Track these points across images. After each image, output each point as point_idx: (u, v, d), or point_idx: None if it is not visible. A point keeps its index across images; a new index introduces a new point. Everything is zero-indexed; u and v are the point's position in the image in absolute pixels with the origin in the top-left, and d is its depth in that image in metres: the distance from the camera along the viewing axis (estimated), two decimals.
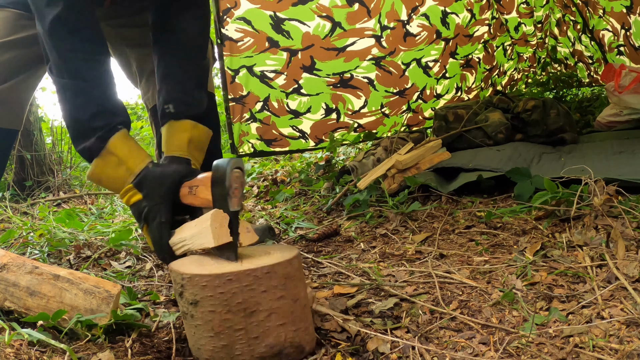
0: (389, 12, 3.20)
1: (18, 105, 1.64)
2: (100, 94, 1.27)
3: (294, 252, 1.04)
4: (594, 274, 1.25)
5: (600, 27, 3.43)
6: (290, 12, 2.95)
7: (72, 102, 1.26)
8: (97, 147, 1.24)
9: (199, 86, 1.49)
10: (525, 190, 1.87)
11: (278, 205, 2.52)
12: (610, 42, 3.43)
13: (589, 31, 3.57)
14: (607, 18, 3.26)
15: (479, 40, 3.68)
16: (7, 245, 1.91)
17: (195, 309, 0.96)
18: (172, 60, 1.47)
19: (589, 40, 3.67)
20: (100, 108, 1.26)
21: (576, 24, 3.68)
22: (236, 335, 0.95)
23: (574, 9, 3.55)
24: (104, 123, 1.24)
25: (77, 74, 1.25)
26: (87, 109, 1.24)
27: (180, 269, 1.00)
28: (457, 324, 1.12)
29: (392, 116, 3.49)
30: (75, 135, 1.28)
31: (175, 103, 1.42)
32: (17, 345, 0.99)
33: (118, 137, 1.25)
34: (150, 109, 1.71)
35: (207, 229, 1.07)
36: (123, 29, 1.70)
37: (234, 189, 1.13)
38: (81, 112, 1.25)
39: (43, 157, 3.69)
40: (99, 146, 1.24)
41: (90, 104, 1.25)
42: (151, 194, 1.22)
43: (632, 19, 3.08)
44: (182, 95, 1.43)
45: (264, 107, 3.10)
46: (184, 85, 1.45)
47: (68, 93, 1.26)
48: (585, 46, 3.80)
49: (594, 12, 3.34)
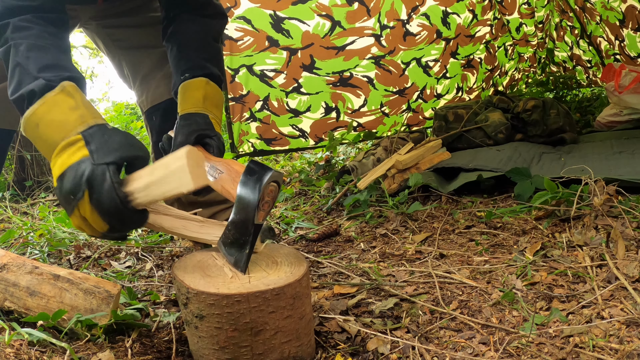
0: (388, 12, 3.20)
1: None
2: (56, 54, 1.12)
3: (303, 266, 1.00)
4: (594, 274, 1.25)
5: (597, 33, 3.44)
6: (290, 11, 2.95)
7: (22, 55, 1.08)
8: (45, 85, 1.04)
9: (213, 61, 1.45)
10: (525, 190, 1.87)
11: (278, 205, 2.52)
12: (607, 49, 3.45)
13: (587, 36, 3.58)
14: (603, 26, 3.28)
15: (480, 40, 3.68)
16: (7, 245, 1.91)
17: (200, 322, 0.94)
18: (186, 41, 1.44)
19: (587, 45, 3.68)
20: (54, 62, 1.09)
21: (574, 29, 3.69)
22: (241, 351, 0.94)
23: (571, 14, 3.56)
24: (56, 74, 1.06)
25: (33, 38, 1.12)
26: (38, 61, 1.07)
27: (185, 280, 0.96)
28: (457, 324, 1.12)
29: (392, 115, 3.49)
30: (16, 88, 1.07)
31: (190, 72, 1.37)
32: (17, 345, 0.99)
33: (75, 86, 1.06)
34: (145, 112, 1.70)
35: (183, 168, 0.90)
36: (115, 29, 1.69)
37: (265, 202, 0.99)
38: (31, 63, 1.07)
39: (43, 157, 3.68)
40: (46, 84, 1.04)
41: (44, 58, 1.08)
42: (102, 151, 0.96)
43: (625, 32, 3.10)
44: (196, 64, 1.39)
45: (263, 106, 3.10)
46: (198, 58, 1.41)
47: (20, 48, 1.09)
48: (584, 51, 3.81)
49: (591, 18, 3.35)
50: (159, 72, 1.66)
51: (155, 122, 1.66)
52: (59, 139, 0.99)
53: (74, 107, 1.02)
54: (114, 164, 0.95)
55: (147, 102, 1.68)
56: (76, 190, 0.94)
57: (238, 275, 0.99)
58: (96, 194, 0.93)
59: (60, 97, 1.03)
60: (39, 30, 1.14)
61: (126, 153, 0.97)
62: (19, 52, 1.09)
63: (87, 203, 0.94)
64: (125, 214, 0.95)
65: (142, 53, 1.68)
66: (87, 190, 0.94)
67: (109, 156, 0.95)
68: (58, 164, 0.99)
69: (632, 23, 3.00)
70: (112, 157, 0.95)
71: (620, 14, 3.01)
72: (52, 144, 1.01)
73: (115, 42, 1.70)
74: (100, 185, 0.93)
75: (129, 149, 0.99)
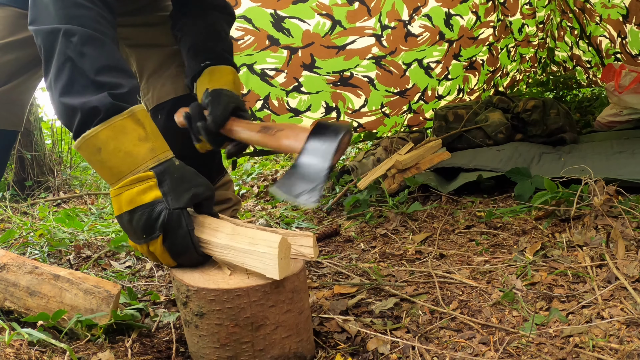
0: (389, 12, 3.20)
1: (19, 106, 1.64)
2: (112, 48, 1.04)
3: (300, 263, 1.01)
4: (594, 274, 1.25)
5: (597, 34, 3.44)
6: (290, 10, 2.95)
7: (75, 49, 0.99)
8: (111, 105, 0.96)
9: (231, 53, 1.48)
10: (525, 190, 1.87)
11: (278, 205, 2.52)
12: (607, 48, 3.44)
13: (587, 37, 3.58)
14: (604, 25, 3.27)
15: (483, 42, 3.68)
16: (7, 245, 1.91)
17: (200, 320, 0.95)
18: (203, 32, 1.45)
19: (587, 45, 3.68)
20: (111, 63, 1.01)
21: (573, 29, 3.69)
22: (242, 348, 0.94)
23: (570, 15, 3.56)
24: (114, 81, 0.99)
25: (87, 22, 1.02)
26: (95, 60, 0.99)
27: (184, 279, 0.96)
28: (457, 324, 1.12)
29: (392, 116, 3.49)
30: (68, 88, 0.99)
31: (214, 60, 1.38)
32: (17, 345, 0.99)
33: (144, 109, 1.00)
34: (151, 110, 1.71)
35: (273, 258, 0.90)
36: (123, 28, 1.70)
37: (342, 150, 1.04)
38: (87, 62, 0.98)
39: (43, 157, 3.69)
40: (113, 104, 0.96)
41: (99, 56, 1.00)
42: (174, 193, 0.95)
43: (628, 28, 3.09)
44: (219, 55, 1.42)
45: (264, 105, 3.10)
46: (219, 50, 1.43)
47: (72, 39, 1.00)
48: (583, 51, 3.81)
49: (590, 19, 3.35)
50: (165, 71, 1.67)
51: (160, 120, 1.67)
52: (126, 171, 0.97)
53: (144, 139, 0.98)
54: (184, 209, 0.96)
55: (152, 100, 1.69)
56: (150, 232, 0.96)
57: (236, 272, 1.00)
58: (171, 238, 0.96)
59: (129, 123, 0.98)
60: (96, 14, 1.05)
61: (198, 196, 0.98)
62: (71, 44, 1.00)
63: (159, 244, 0.96)
64: (195, 258, 0.99)
65: (150, 51, 1.69)
66: (161, 234, 0.96)
67: (183, 200, 0.96)
68: (127, 198, 0.96)
69: (635, 18, 2.99)
70: (185, 201, 0.96)
71: (623, 9, 3.00)
72: (117, 173, 0.98)
73: (123, 40, 1.71)
74: (176, 231, 0.95)
75: (200, 190, 0.99)
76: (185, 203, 0.96)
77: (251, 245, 0.94)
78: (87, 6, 1.04)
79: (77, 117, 0.98)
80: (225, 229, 0.99)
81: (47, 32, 1.03)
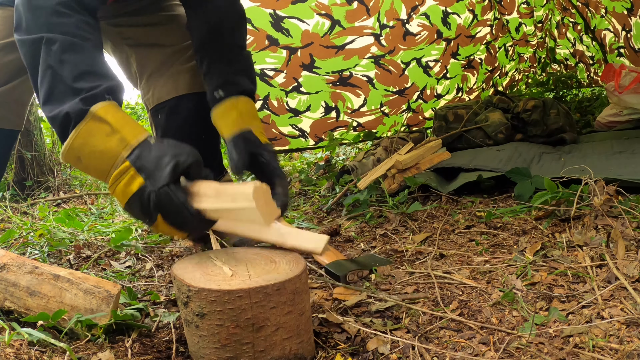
0: (388, 11, 3.20)
1: (19, 106, 1.65)
2: (92, 53, 1.07)
3: (301, 264, 1.01)
4: (594, 274, 1.25)
5: (602, 27, 3.43)
6: (289, 10, 2.95)
7: (55, 57, 1.02)
8: (79, 111, 0.99)
9: (244, 72, 1.50)
10: (525, 190, 1.87)
11: None
12: (611, 42, 3.43)
13: (591, 31, 3.57)
14: (609, 17, 3.26)
15: (481, 41, 3.68)
16: (7, 245, 1.91)
17: (201, 320, 0.94)
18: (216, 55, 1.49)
19: (591, 40, 3.67)
20: (90, 69, 1.04)
21: (576, 25, 3.68)
22: (243, 349, 0.94)
23: (573, 10, 3.56)
24: (92, 85, 1.02)
25: (71, 29, 1.05)
26: (74, 67, 1.02)
27: (185, 279, 0.96)
28: (457, 324, 1.12)
29: (391, 115, 3.49)
30: (48, 96, 1.02)
31: (222, 88, 1.43)
32: (17, 345, 0.99)
33: (108, 103, 1.02)
34: (151, 110, 1.71)
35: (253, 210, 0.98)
36: (124, 28, 1.70)
37: None
38: (66, 69, 1.01)
39: (43, 157, 3.68)
40: (81, 109, 0.99)
41: (78, 63, 1.03)
42: (156, 173, 0.97)
43: (633, 21, 3.08)
44: (228, 79, 1.45)
45: (263, 105, 3.10)
46: (229, 73, 1.46)
47: (52, 47, 1.03)
48: (587, 46, 3.80)
49: (595, 11, 3.34)
50: (166, 71, 1.67)
51: (161, 120, 1.67)
52: (107, 168, 1.00)
53: (110, 133, 1.00)
54: (172, 182, 0.97)
55: (153, 99, 1.68)
56: (149, 216, 0.99)
57: (238, 273, 1.00)
58: (168, 215, 0.98)
59: (93, 125, 1.00)
60: (76, 20, 1.08)
61: (180, 167, 0.98)
62: (52, 53, 1.03)
63: (162, 223, 0.99)
64: (199, 225, 1.01)
65: (151, 51, 1.69)
66: (159, 215, 0.98)
67: (163, 177, 0.96)
68: (119, 193, 1.00)
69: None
70: (166, 176, 0.96)
71: (628, 2, 2.99)
72: (102, 172, 1.01)
73: (125, 40, 1.71)
74: (169, 208, 0.97)
75: (182, 159, 0.99)
76: (167, 179, 0.96)
77: (234, 203, 0.98)
78: (67, 14, 1.07)
79: (57, 126, 1.02)
80: (210, 191, 1.01)
81: (30, 42, 1.06)
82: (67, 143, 1.01)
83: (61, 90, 1.01)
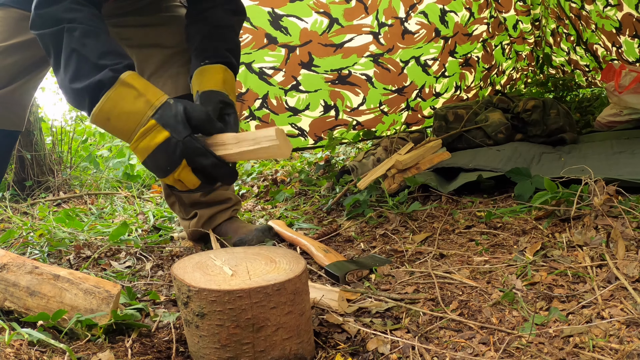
0: (386, 9, 3.20)
1: (20, 107, 1.65)
2: (107, 38, 1.23)
3: (302, 264, 1.02)
4: (594, 274, 1.25)
5: (593, 41, 3.43)
6: (288, 8, 2.95)
7: (79, 42, 1.17)
8: (111, 78, 1.15)
9: (234, 52, 1.54)
10: (525, 190, 1.87)
11: (278, 205, 2.52)
12: (604, 55, 3.44)
13: (583, 43, 3.57)
14: (598, 34, 3.26)
15: (477, 39, 3.68)
16: (7, 245, 1.91)
17: (201, 320, 0.95)
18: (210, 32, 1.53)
19: (584, 51, 3.67)
20: (110, 49, 1.20)
21: (569, 36, 3.68)
22: (243, 349, 0.94)
23: (567, 21, 3.55)
24: (115, 61, 1.17)
25: (84, 19, 1.20)
26: (95, 48, 1.18)
27: (185, 279, 0.97)
28: (457, 324, 1.12)
29: (390, 114, 3.49)
30: (76, 74, 1.17)
31: (211, 59, 1.46)
32: (17, 345, 0.99)
33: (133, 72, 1.19)
34: None
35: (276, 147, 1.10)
36: (124, 28, 1.70)
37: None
38: (89, 50, 1.17)
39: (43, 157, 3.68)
40: (112, 76, 1.15)
41: (99, 44, 1.19)
42: (179, 125, 1.12)
43: (622, 39, 3.09)
44: (218, 53, 1.49)
45: (263, 104, 3.10)
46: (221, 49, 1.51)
47: (74, 33, 1.18)
48: (580, 56, 3.81)
49: (587, 25, 3.34)
50: (166, 71, 1.67)
51: None
52: (134, 127, 1.14)
53: (137, 96, 1.14)
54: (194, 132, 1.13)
55: None
56: (174, 164, 1.13)
57: (238, 273, 1.00)
58: (194, 160, 1.12)
59: (122, 89, 1.14)
60: (88, 13, 1.22)
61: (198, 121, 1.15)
62: (74, 38, 1.18)
63: (183, 169, 1.13)
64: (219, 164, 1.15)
65: (151, 51, 1.69)
66: (184, 161, 1.12)
67: (188, 128, 1.12)
68: (142, 147, 1.14)
69: (629, 30, 2.99)
70: (190, 128, 1.12)
71: (616, 22, 3.00)
72: (128, 131, 1.15)
73: (124, 41, 1.71)
74: (195, 153, 1.12)
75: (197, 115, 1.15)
76: (191, 130, 1.13)
77: (256, 144, 1.12)
78: (80, 9, 1.22)
79: (88, 95, 1.16)
80: (230, 140, 1.17)
81: (52, 33, 1.20)
82: (98, 106, 1.15)
83: (88, 68, 1.16)
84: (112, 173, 3.93)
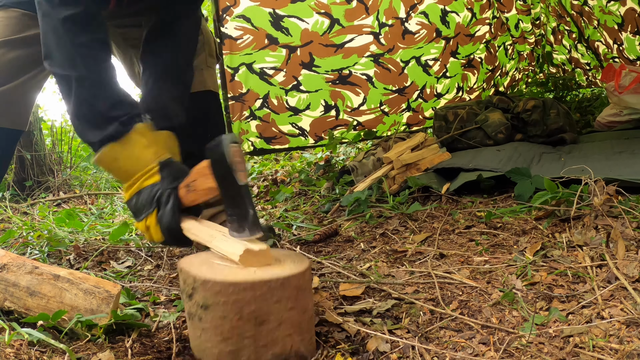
0: (387, 10, 3.20)
1: (23, 105, 1.63)
2: (116, 87, 1.27)
3: (306, 263, 1.03)
4: (594, 274, 1.25)
5: (595, 38, 3.43)
6: (289, 9, 2.96)
7: (89, 92, 1.23)
8: (120, 131, 1.21)
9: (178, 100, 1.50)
10: (525, 190, 1.87)
11: (278, 205, 2.52)
12: (605, 53, 3.43)
13: (585, 40, 3.57)
14: (600, 30, 3.26)
15: (480, 40, 3.67)
16: (7, 245, 1.91)
17: (205, 312, 0.95)
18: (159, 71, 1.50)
19: (585, 49, 3.67)
20: (120, 98, 1.25)
21: (571, 33, 3.68)
22: (244, 342, 0.95)
23: (568, 19, 3.55)
24: (125, 112, 1.23)
25: (93, 68, 1.24)
26: (107, 99, 1.23)
27: (191, 271, 0.98)
28: (457, 324, 1.12)
29: (391, 114, 3.49)
30: (88, 127, 1.24)
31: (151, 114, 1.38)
32: (17, 345, 0.99)
33: (146, 124, 1.25)
34: None
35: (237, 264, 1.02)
36: (127, 29, 1.70)
37: (237, 163, 1.08)
38: (100, 102, 1.22)
39: (43, 157, 3.69)
40: (122, 130, 1.21)
41: (109, 95, 1.24)
42: (169, 178, 1.20)
43: (624, 36, 3.09)
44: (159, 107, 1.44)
45: (263, 104, 3.11)
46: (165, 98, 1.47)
47: (84, 84, 1.23)
48: (582, 54, 3.80)
49: (589, 22, 3.34)
50: None
51: None
52: (138, 169, 1.22)
53: (147, 146, 1.23)
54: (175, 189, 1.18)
55: None
56: (149, 206, 1.19)
57: (243, 267, 1.01)
58: (161, 211, 1.17)
59: (134, 136, 1.22)
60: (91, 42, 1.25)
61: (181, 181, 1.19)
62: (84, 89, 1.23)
63: (154, 217, 1.18)
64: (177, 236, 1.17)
65: None
66: (156, 208, 1.18)
67: (174, 182, 1.19)
68: (136, 185, 1.21)
69: (631, 26, 2.99)
70: (176, 183, 1.19)
71: (619, 18, 3.00)
72: (131, 173, 1.22)
73: (127, 41, 1.71)
74: (165, 205, 1.17)
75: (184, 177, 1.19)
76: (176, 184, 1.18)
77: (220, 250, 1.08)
78: (89, 45, 1.25)
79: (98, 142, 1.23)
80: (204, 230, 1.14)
81: (62, 77, 1.25)
82: (109, 147, 1.21)
83: (100, 120, 1.22)
84: None
